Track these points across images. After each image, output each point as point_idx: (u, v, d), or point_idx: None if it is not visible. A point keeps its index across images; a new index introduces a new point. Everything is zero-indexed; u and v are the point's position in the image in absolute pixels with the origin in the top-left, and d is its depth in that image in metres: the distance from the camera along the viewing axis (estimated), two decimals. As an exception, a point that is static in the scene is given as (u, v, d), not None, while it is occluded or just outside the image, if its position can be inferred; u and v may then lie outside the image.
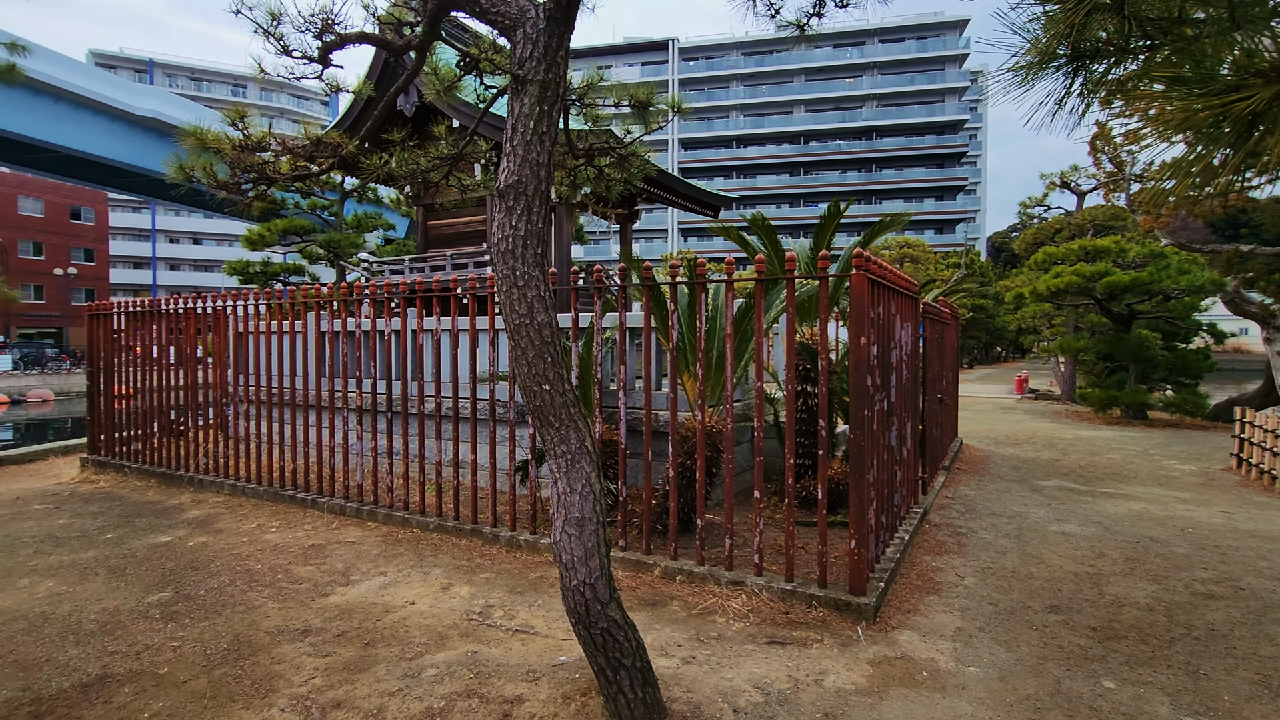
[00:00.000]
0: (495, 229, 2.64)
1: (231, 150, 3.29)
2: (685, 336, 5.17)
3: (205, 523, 6.13)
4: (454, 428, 5.72)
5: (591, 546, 2.82)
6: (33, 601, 4.37)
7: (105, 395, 8.47)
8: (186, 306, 7.61)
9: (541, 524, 5.59)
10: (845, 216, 6.35)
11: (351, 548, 5.42)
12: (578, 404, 2.88)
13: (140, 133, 32.44)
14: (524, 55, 2.59)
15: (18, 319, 44.03)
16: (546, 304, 2.70)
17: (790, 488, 4.24)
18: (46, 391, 31.19)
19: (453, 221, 9.93)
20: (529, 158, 2.58)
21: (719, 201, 11.75)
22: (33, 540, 5.63)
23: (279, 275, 16.88)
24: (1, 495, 7.36)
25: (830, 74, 68.27)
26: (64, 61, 28.81)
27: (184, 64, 68.44)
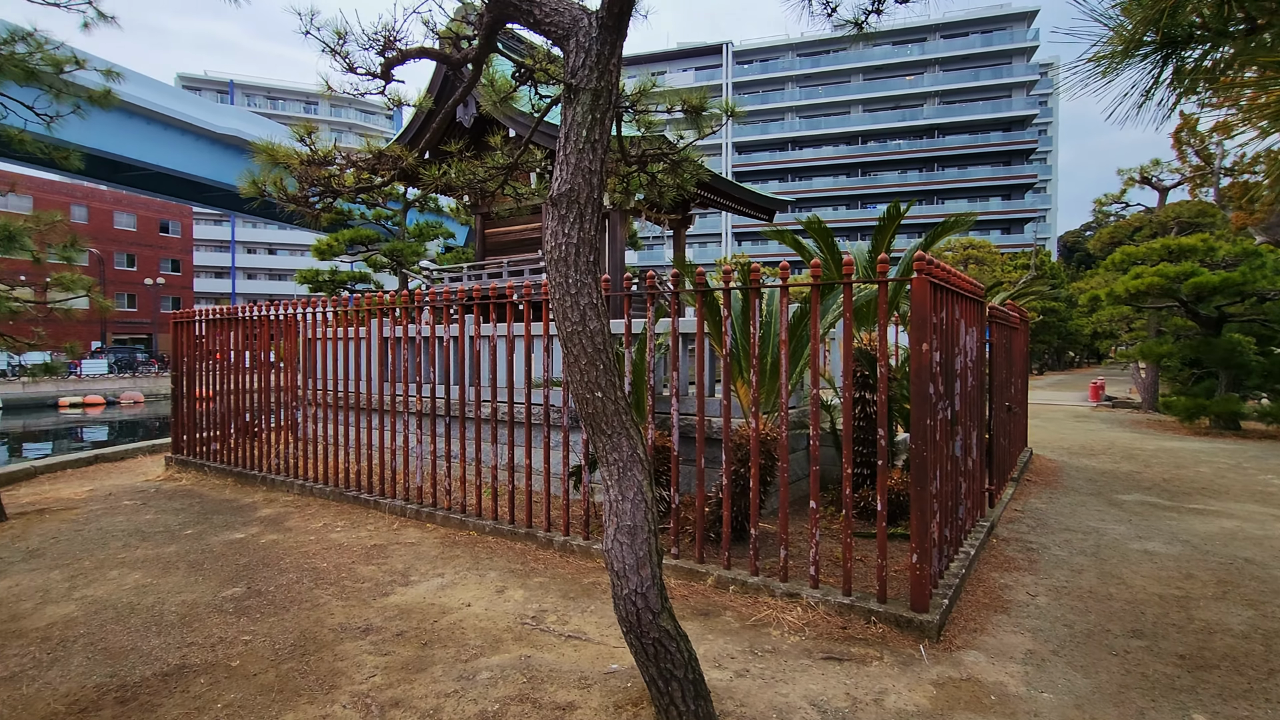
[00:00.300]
0: (548, 237, 2.66)
1: (299, 165, 3.45)
2: (739, 343, 5.10)
3: (276, 521, 6.41)
4: (509, 432, 5.81)
5: (643, 555, 2.80)
6: (121, 592, 4.65)
7: (188, 398, 8.99)
8: (261, 314, 8.00)
9: (594, 529, 5.61)
10: (906, 217, 6.15)
11: (411, 549, 5.57)
12: (629, 411, 2.87)
13: (221, 149, 34.43)
14: (577, 64, 2.60)
15: (113, 326, 47.32)
16: (599, 311, 2.70)
17: (848, 498, 4.12)
18: (137, 394, 33.38)
19: (509, 229, 10.13)
20: (581, 165, 2.59)
21: (774, 205, 11.59)
22: (122, 534, 6.01)
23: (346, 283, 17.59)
24: (96, 491, 7.89)
25: (889, 72, 66.60)
26: (154, 85, 30.84)
27: (261, 84, 72.36)
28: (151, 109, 30.21)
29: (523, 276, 9.26)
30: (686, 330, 5.90)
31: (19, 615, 4.31)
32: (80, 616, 4.25)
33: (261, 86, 72.39)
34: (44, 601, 4.53)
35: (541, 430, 6.04)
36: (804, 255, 6.24)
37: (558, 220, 2.62)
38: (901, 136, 66.29)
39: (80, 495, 7.68)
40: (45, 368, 8.70)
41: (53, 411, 29.49)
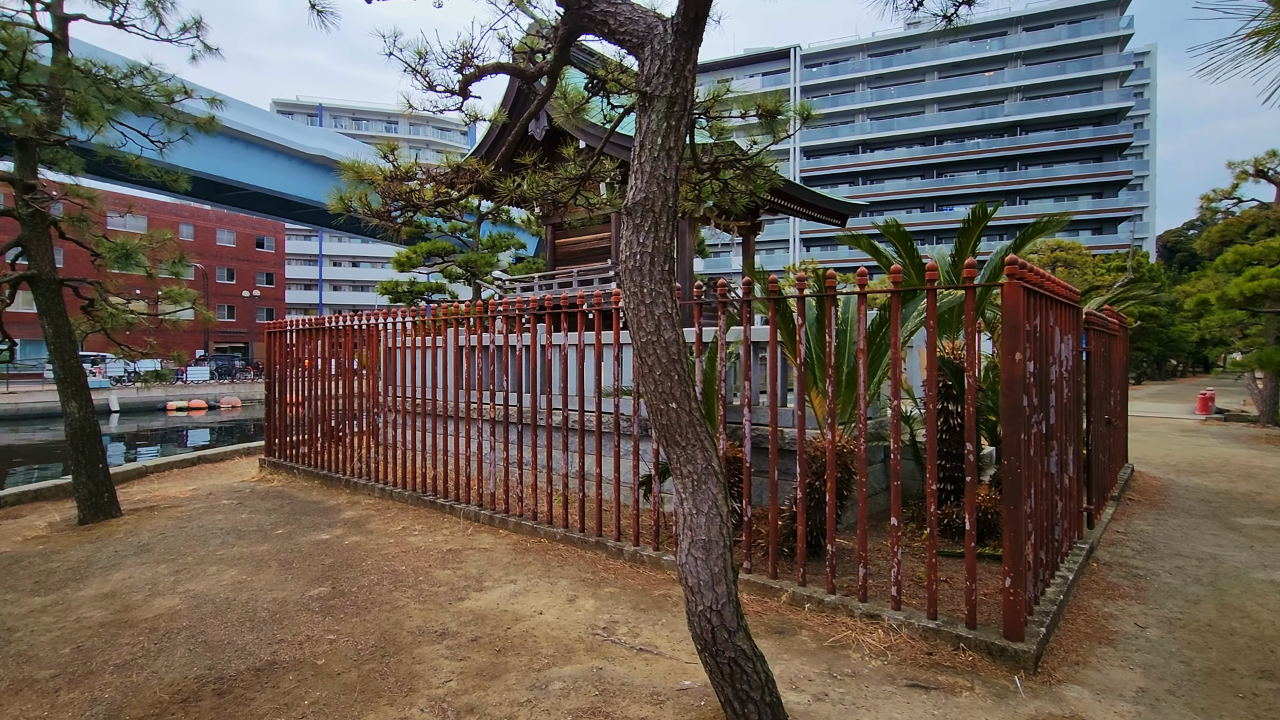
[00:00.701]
0: (623, 246, 2.64)
1: (383, 181, 3.58)
2: (813, 351, 4.95)
3: (359, 523, 6.67)
4: (579, 440, 5.84)
5: (718, 571, 2.73)
6: (219, 588, 4.93)
7: (279, 403, 9.51)
8: (345, 324, 8.38)
9: (664, 540, 5.55)
10: (987, 219, 5.82)
11: (484, 554, 5.66)
12: (704, 423, 2.81)
13: (311, 168, 36.56)
14: (651, 71, 2.58)
15: (214, 335, 50.92)
16: (674, 321, 2.66)
17: (933, 515, 3.90)
18: (235, 398, 35.73)
19: (579, 239, 10.26)
20: (656, 174, 2.56)
21: (847, 209, 11.27)
22: (220, 532, 6.39)
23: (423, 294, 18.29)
24: (199, 490, 8.44)
25: (966, 69, 63.99)
26: (251, 110, 33.06)
27: (346, 106, 76.55)
28: (249, 133, 32.41)
29: (592, 285, 9.35)
30: (758, 339, 5.79)
31: (131, 606, 4.63)
32: (183, 609, 4.53)
33: (347, 108, 76.56)
34: (152, 594, 4.85)
35: (611, 438, 6.05)
36: (881, 260, 6.01)
37: (632, 229, 2.60)
38: (980, 135, 63.50)
39: (184, 494, 8.23)
40: (156, 374, 9.40)
41: (162, 414, 31.93)
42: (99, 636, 4.13)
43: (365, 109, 76.83)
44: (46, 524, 6.90)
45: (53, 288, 6.91)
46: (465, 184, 3.73)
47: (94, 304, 7.56)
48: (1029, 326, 3.84)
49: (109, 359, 34.65)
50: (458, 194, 3.77)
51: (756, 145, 4.00)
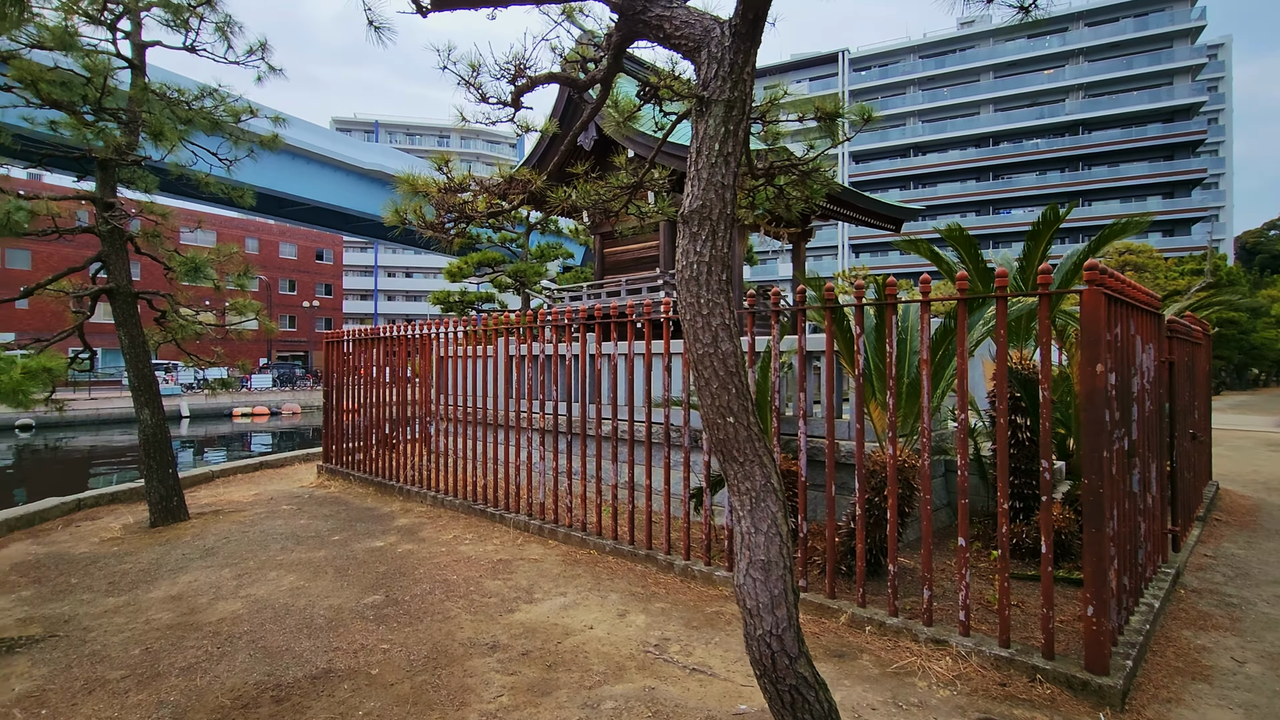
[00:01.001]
0: (679, 255, 2.57)
1: (437, 193, 3.60)
2: (872, 362, 4.77)
3: (411, 531, 6.75)
4: (629, 451, 5.77)
5: (779, 593, 2.60)
6: (279, 593, 5.04)
7: (337, 410, 9.77)
8: (399, 334, 8.54)
9: (715, 554, 5.43)
10: (1059, 221, 5.52)
11: (534, 565, 5.64)
12: (762, 438, 2.70)
13: (367, 183, 37.81)
14: (708, 75, 2.51)
15: (276, 344, 53.06)
16: (732, 333, 2.56)
17: (1004, 536, 3.68)
18: (295, 405, 37.10)
19: (628, 248, 10.25)
20: (714, 181, 2.48)
21: (903, 215, 10.95)
22: (280, 537, 6.56)
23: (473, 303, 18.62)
24: (260, 495, 8.72)
25: (1023, 68, 61.88)
26: (312, 128, 34.42)
27: (401, 122, 79.05)
28: (310, 150, 33.75)
29: (641, 294, 9.30)
30: (813, 348, 5.63)
31: (196, 609, 4.77)
32: (245, 614, 4.63)
33: (401, 124, 79.06)
34: (216, 597, 4.99)
35: (661, 449, 5.96)
36: (941, 266, 5.77)
37: (689, 238, 2.52)
38: (1040, 135, 61.23)
39: (247, 498, 8.51)
40: (223, 382, 9.77)
41: (227, 420, 33.38)
42: (166, 639, 4.25)
43: (418, 124, 79.19)
44: (121, 526, 7.22)
45: (129, 300, 7.25)
46: (518, 194, 3.73)
47: (166, 315, 7.91)
48: (1110, 336, 3.60)
49: (180, 367, 36.45)
50: (510, 205, 3.78)
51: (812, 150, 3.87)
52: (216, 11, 7.64)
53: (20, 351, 6.53)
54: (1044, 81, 60.64)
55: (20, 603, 5.01)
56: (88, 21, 7.05)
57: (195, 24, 7.67)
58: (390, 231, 43.66)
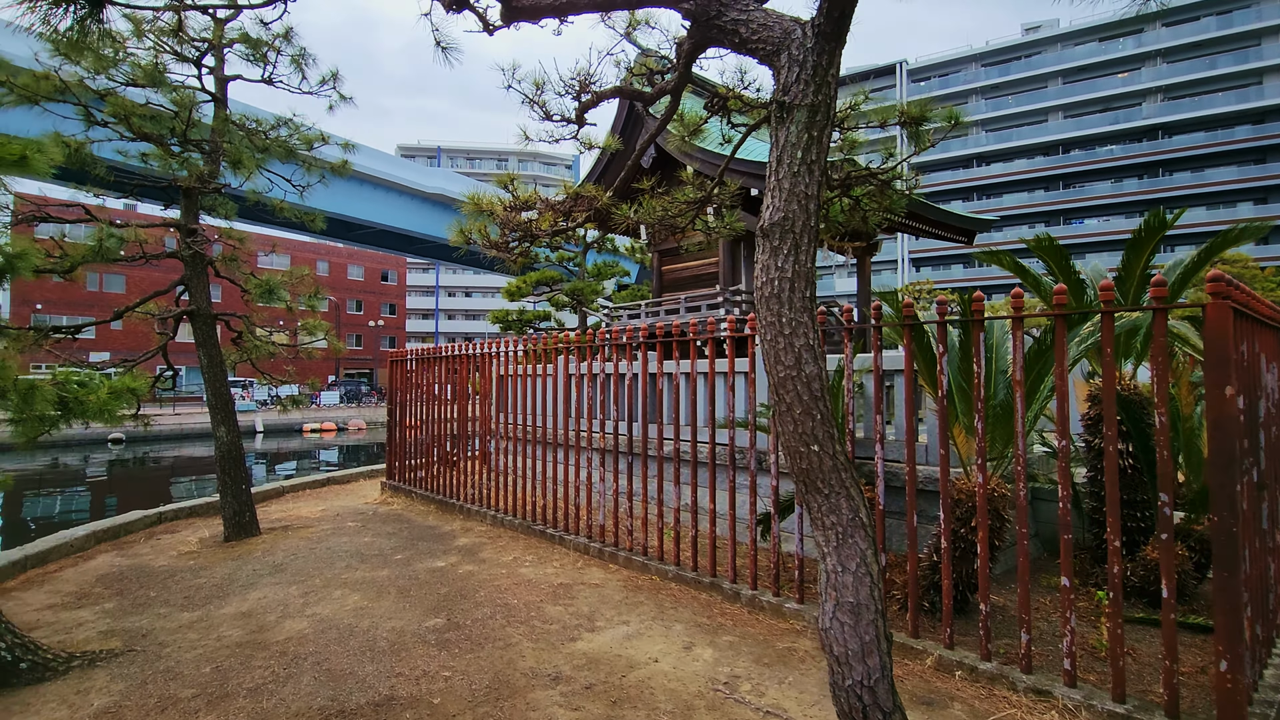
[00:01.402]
0: (758, 271, 2.40)
1: (502, 211, 3.56)
2: (957, 383, 4.46)
3: (471, 551, 6.72)
4: (692, 473, 5.59)
5: (870, 640, 2.37)
6: (343, 613, 5.05)
7: (400, 428, 9.93)
8: (460, 353, 8.62)
9: (785, 584, 5.16)
10: (1112, 233, 5.10)
11: (595, 590, 5.50)
12: (850, 468, 2.49)
13: (430, 206, 39.10)
14: (789, 79, 2.35)
15: (344, 362, 55.18)
16: (816, 354, 2.37)
17: (1116, 577, 3.32)
18: (361, 421, 38.35)
19: (686, 265, 10.12)
20: (796, 190, 2.31)
21: (976, 225, 10.45)
22: (345, 555, 6.63)
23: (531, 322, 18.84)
24: (327, 511, 8.90)
25: (1094, 72, 59.23)
26: (378, 155, 35.88)
27: (462, 147, 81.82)
28: (376, 175, 35.17)
29: (700, 312, 9.14)
30: (890, 367, 5.33)
31: (264, 627, 4.82)
32: (310, 634, 4.64)
33: (462, 149, 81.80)
34: (284, 615, 5.03)
35: (726, 472, 5.76)
36: (1026, 279, 5.40)
37: (769, 252, 2.35)
38: (1114, 141, 58.33)
39: (315, 514, 8.70)
40: (293, 400, 10.09)
41: (298, 435, 34.75)
42: (235, 657, 4.29)
43: (479, 148, 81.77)
44: (197, 539, 7.46)
45: (208, 321, 7.55)
46: (582, 211, 3.65)
47: (242, 336, 8.21)
48: (1236, 355, 3.22)
49: (255, 384, 38.25)
50: (573, 223, 3.70)
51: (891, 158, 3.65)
52: (292, 45, 7.98)
53: (112, 370, 6.87)
54: (1118, 85, 57.89)
55: (103, 615, 5.18)
56: (176, 59, 7.46)
57: (273, 57, 8.02)
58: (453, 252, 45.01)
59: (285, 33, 7.80)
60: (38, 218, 6.49)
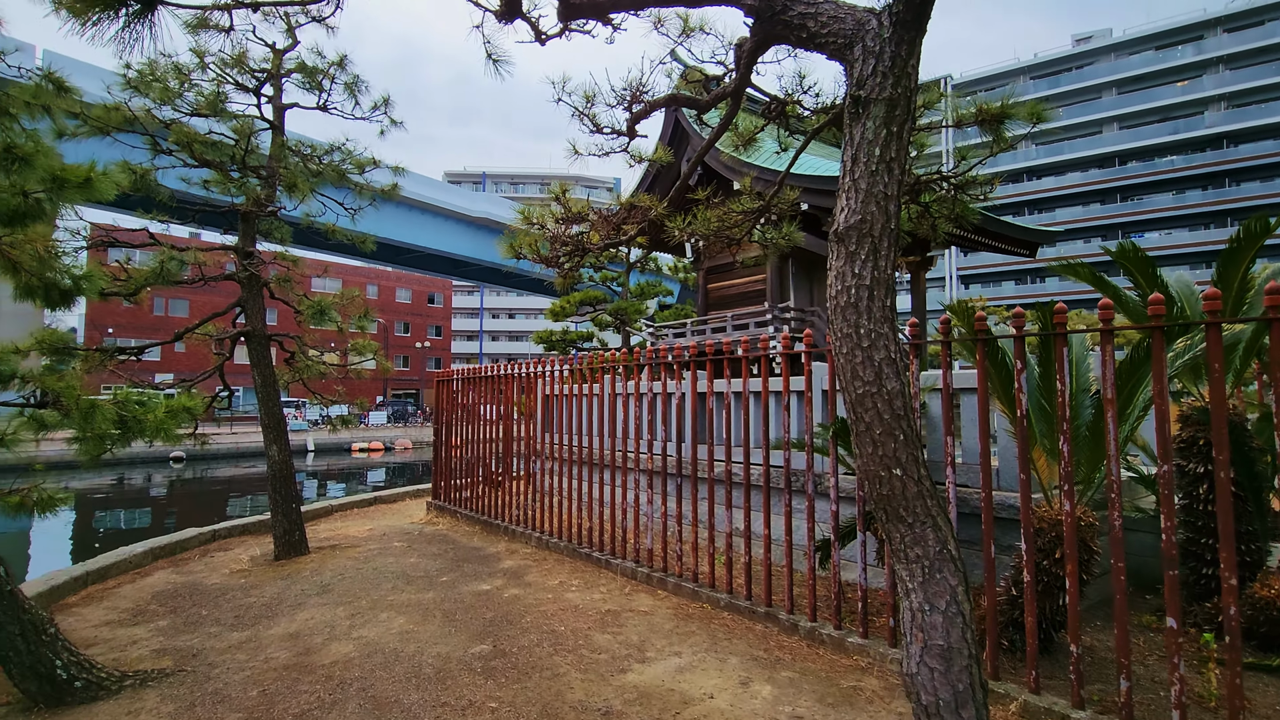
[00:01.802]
0: (833, 279, 2.22)
1: (554, 223, 3.47)
2: (1037, 401, 4.14)
3: (517, 574, 6.59)
4: (744, 496, 5.35)
5: (963, 690, 2.12)
6: (388, 637, 4.96)
7: (445, 447, 9.93)
8: (506, 372, 8.58)
9: (847, 617, 4.86)
10: (1186, 245, 4.71)
11: (644, 618, 5.28)
12: (935, 494, 2.26)
13: (475, 230, 39.91)
14: (864, 72, 2.18)
15: (391, 383, 56.45)
16: (899, 369, 2.17)
17: (1234, 619, 2.96)
18: (407, 441, 39.01)
19: (733, 283, 9.94)
20: (874, 191, 2.13)
21: (1039, 238, 10.00)
22: (391, 576, 6.57)
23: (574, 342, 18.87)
24: (374, 530, 8.92)
25: (1151, 81, 57.19)
26: (426, 181, 36.87)
27: (506, 172, 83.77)
28: (424, 200, 36.12)
29: (748, 330, 8.92)
30: (960, 385, 5.02)
31: (311, 649, 4.75)
32: (356, 658, 4.55)
33: (506, 174, 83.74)
34: (330, 638, 4.96)
35: (781, 495, 5.50)
36: (1105, 291, 5.04)
37: (845, 258, 2.17)
38: (1174, 152, 56.00)
39: (362, 533, 8.72)
40: (343, 419, 10.22)
41: (347, 454, 35.52)
42: (282, 680, 4.22)
43: (522, 173, 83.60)
44: (249, 558, 7.53)
45: (263, 342, 7.69)
46: (634, 224, 3.53)
47: (295, 356, 8.35)
48: (1368, 369, 2.87)
49: (307, 404, 39.37)
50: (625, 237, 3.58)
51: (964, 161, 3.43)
52: (346, 71, 8.18)
53: (170, 390, 7.04)
54: (1177, 94, 55.72)
55: (157, 633, 5.20)
56: (236, 88, 7.72)
57: (327, 85, 8.24)
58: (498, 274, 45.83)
59: (340, 60, 8.01)
60: (106, 243, 6.73)
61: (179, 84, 7.25)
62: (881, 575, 5.30)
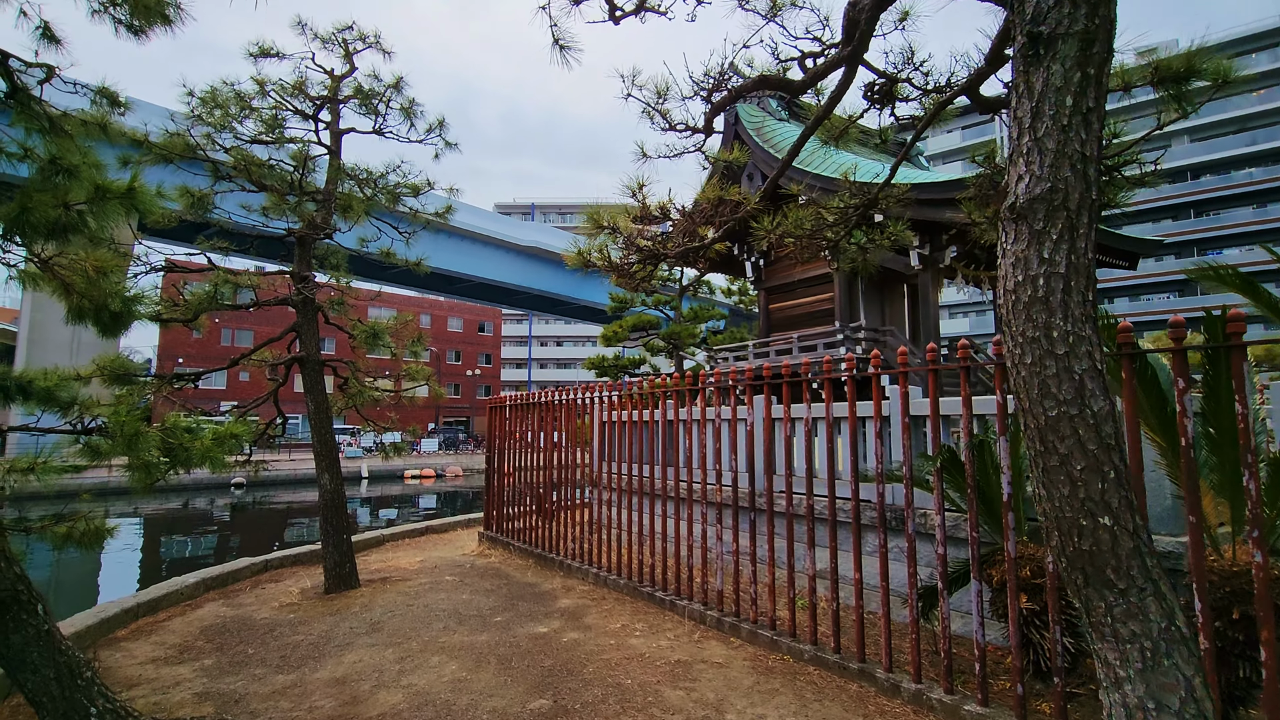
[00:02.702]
0: (1009, 268, 1.72)
1: (630, 223, 3.07)
2: (1207, 431, 3.47)
3: (575, 615, 6.10)
4: (830, 535, 4.77)
5: (1219, 824, 1.53)
6: (440, 685, 4.53)
7: (498, 475, 9.59)
8: (563, 398, 8.20)
9: (960, 678, 4.20)
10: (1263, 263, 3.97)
11: (719, 671, 4.72)
12: (1153, 553, 1.70)
13: (525, 259, 40.36)
14: (1045, 5, 1.70)
15: (442, 410, 57.22)
16: (1104, 384, 1.64)
17: None
18: (458, 468, 39.17)
19: (797, 302, 9.39)
20: (1068, 151, 1.63)
21: (1143, 248, 9.15)
22: (443, 615, 6.18)
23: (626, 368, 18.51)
24: (425, 562, 8.59)
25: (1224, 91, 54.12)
26: (477, 212, 37.60)
27: (554, 202, 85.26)
28: (475, 231, 36.76)
29: (816, 352, 8.34)
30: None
31: (358, 698, 4.36)
32: (405, 710, 4.14)
33: (554, 204, 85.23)
34: (378, 685, 4.57)
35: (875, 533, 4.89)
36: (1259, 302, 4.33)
37: (1028, 239, 1.67)
38: (1253, 164, 52.88)
39: (413, 565, 8.39)
40: (396, 447, 10.02)
41: (399, 481, 35.83)
42: (325, 737, 3.83)
43: (570, 203, 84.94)
44: (299, 590, 7.27)
45: (317, 368, 7.53)
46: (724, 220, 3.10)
47: (349, 382, 8.18)
48: None
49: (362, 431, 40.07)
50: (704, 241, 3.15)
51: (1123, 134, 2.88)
52: (402, 95, 8.11)
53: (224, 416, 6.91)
54: (1253, 104, 52.79)
55: (201, 673, 4.92)
56: (295, 114, 7.71)
57: (382, 109, 8.18)
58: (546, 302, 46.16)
59: (396, 82, 7.94)
60: (162, 269, 6.69)
61: (239, 109, 7.27)
62: (997, 629, 4.61)
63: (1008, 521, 3.81)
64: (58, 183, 3.16)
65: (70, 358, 22.49)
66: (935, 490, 4.14)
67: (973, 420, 4.06)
